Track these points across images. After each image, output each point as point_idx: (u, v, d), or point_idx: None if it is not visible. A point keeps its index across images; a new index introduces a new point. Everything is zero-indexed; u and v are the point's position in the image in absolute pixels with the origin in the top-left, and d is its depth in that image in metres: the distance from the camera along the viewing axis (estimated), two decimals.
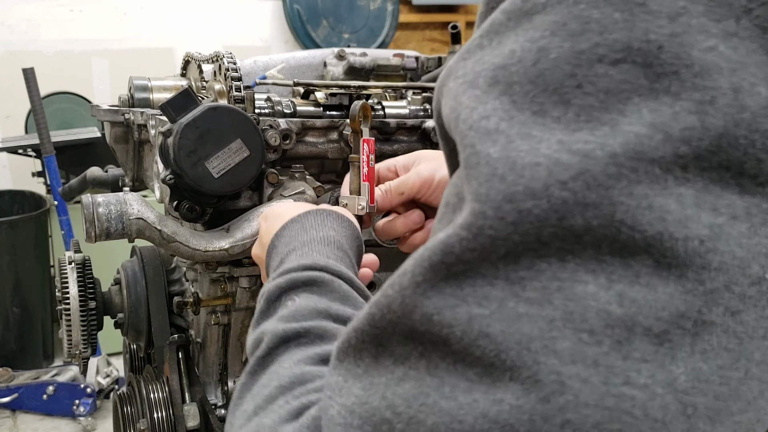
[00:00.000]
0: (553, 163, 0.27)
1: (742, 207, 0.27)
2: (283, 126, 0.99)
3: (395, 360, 0.30)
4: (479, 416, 0.26)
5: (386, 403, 0.29)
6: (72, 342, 1.10)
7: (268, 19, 3.93)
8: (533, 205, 0.27)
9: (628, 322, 0.26)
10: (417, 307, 0.29)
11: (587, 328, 0.26)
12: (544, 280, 0.27)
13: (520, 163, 0.27)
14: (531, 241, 0.27)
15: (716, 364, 0.26)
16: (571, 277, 0.27)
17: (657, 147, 0.26)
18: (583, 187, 0.26)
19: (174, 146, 0.86)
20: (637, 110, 0.26)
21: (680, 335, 0.26)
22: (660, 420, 0.26)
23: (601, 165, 0.26)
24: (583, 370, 0.26)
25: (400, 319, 0.30)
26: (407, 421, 0.28)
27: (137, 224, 0.94)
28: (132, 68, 1.86)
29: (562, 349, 0.26)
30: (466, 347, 0.27)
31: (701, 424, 0.26)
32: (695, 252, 0.26)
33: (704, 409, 0.26)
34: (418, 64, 1.32)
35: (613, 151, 0.26)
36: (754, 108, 0.26)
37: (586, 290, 0.26)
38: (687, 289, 0.26)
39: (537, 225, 0.27)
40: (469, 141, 0.29)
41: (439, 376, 0.28)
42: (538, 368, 0.26)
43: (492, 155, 0.28)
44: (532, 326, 0.26)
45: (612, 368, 0.26)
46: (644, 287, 0.26)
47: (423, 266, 0.29)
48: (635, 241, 0.26)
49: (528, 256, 0.27)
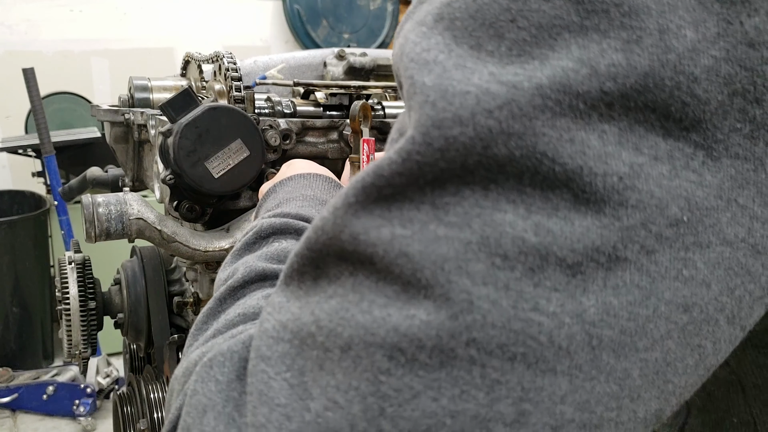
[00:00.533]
0: (482, 93, 0.27)
1: (665, 149, 0.27)
2: (283, 126, 0.99)
3: (329, 280, 0.30)
4: (390, 329, 0.27)
5: (313, 318, 0.30)
6: (72, 342, 1.10)
7: (268, 19, 3.94)
8: (459, 132, 0.27)
9: (542, 251, 0.26)
10: (347, 227, 0.30)
11: (501, 253, 0.27)
12: (467, 206, 0.27)
13: (450, 92, 0.28)
14: (456, 168, 0.27)
15: (626, 300, 0.27)
16: (492, 206, 0.27)
17: (583, 81, 0.26)
18: (508, 117, 0.27)
19: (174, 146, 0.86)
20: (567, 46, 0.27)
21: (593, 268, 0.27)
22: (564, 348, 0.26)
23: (527, 96, 0.27)
24: (494, 292, 0.26)
25: (331, 240, 0.30)
26: (327, 333, 0.29)
27: (137, 224, 0.94)
28: (132, 68, 1.86)
29: (474, 270, 0.27)
30: (387, 266, 0.28)
31: (605, 356, 0.27)
32: (614, 188, 0.26)
33: (609, 341, 0.27)
34: None
35: (539, 82, 0.27)
36: (680, 50, 0.26)
37: (505, 218, 0.27)
38: (603, 224, 0.27)
39: (463, 152, 0.27)
40: (409, 72, 0.30)
41: (360, 293, 0.29)
42: (450, 287, 0.27)
43: (426, 83, 0.28)
44: (449, 247, 0.27)
45: (522, 293, 0.26)
46: (561, 220, 0.27)
47: (356, 188, 0.30)
48: (555, 173, 0.27)
49: (454, 182, 0.28)
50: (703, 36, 0.27)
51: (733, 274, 0.28)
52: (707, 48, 0.27)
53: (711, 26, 0.27)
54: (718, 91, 0.27)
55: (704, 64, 0.27)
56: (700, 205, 0.27)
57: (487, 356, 0.26)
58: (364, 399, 0.27)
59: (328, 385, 0.28)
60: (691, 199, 0.27)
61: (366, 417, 0.26)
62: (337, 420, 0.27)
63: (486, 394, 0.26)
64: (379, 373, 0.27)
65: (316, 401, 0.28)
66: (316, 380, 0.28)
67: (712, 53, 0.27)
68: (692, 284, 0.27)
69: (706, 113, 0.27)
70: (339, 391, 0.27)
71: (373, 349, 0.27)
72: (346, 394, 0.27)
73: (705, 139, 0.27)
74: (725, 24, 0.27)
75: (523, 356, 0.26)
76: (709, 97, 0.27)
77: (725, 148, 0.27)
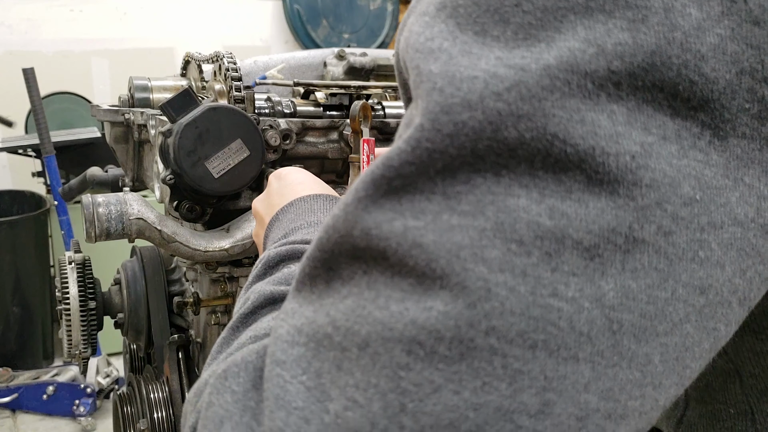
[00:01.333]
0: (490, 76, 0.27)
1: (673, 129, 0.27)
2: (283, 126, 0.99)
3: (343, 281, 0.30)
4: (408, 323, 0.27)
5: (329, 319, 0.29)
6: (72, 342, 1.10)
7: (268, 19, 3.94)
8: (469, 116, 0.27)
9: (558, 234, 0.26)
10: (357, 222, 0.29)
11: (517, 239, 0.26)
12: (479, 194, 0.27)
13: (458, 77, 0.28)
14: (467, 154, 0.27)
15: (645, 283, 0.27)
16: (505, 191, 0.27)
17: (590, 61, 0.26)
18: (516, 98, 0.27)
19: (174, 146, 0.86)
20: (573, 27, 0.27)
21: (611, 251, 0.26)
22: (585, 334, 0.26)
23: (535, 77, 0.27)
24: (511, 279, 0.26)
25: (343, 238, 0.30)
26: (344, 333, 0.28)
27: (137, 224, 0.94)
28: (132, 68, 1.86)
29: (491, 257, 0.26)
30: (401, 259, 0.28)
31: (626, 341, 0.26)
32: (627, 167, 0.26)
33: (630, 326, 0.26)
34: None
35: (547, 63, 0.27)
36: (686, 28, 0.26)
37: (518, 203, 0.27)
38: (618, 204, 0.26)
39: (472, 137, 0.27)
40: (415, 63, 0.30)
41: (376, 289, 0.28)
42: (466, 275, 0.26)
43: (433, 71, 0.28)
44: (463, 236, 0.27)
45: (540, 279, 0.26)
46: (575, 202, 0.26)
47: (365, 182, 0.30)
48: (567, 155, 0.26)
49: (464, 170, 0.27)
50: (708, 14, 0.26)
51: (744, 255, 0.28)
52: (712, 26, 0.27)
53: (715, 5, 0.27)
54: (725, 69, 0.27)
55: (710, 42, 0.26)
56: (710, 184, 0.27)
57: (508, 345, 0.26)
58: (384, 396, 0.26)
59: (347, 385, 0.27)
60: (701, 178, 0.27)
61: (387, 414, 0.26)
62: (357, 419, 0.26)
63: (508, 384, 0.25)
64: (398, 369, 0.26)
65: (335, 402, 0.27)
66: (334, 381, 0.28)
67: (718, 31, 0.27)
68: (708, 266, 0.27)
69: (714, 93, 0.27)
70: (358, 389, 0.27)
71: (391, 344, 0.27)
72: (365, 392, 0.26)
73: (713, 119, 0.27)
74: (729, 2, 0.27)
75: (544, 343, 0.26)
76: (717, 76, 0.27)
77: (732, 128, 0.27)
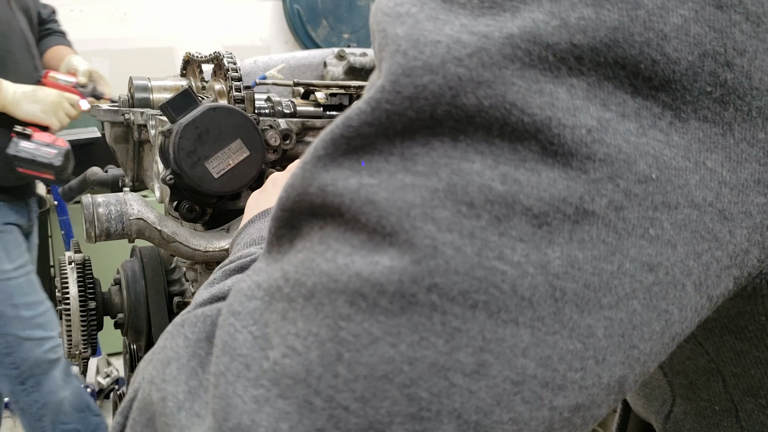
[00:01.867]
0: (453, 42, 0.27)
1: (632, 107, 0.27)
2: (283, 126, 0.99)
3: (302, 238, 0.30)
4: (353, 275, 0.27)
5: (281, 273, 0.30)
6: (72, 342, 1.10)
7: (268, 19, 3.94)
8: (429, 80, 0.27)
9: (509, 199, 0.26)
10: (315, 179, 0.29)
11: (467, 201, 0.26)
12: (435, 156, 0.27)
13: (422, 41, 0.28)
14: (425, 118, 0.27)
15: (591, 254, 0.27)
16: (461, 156, 0.27)
17: (552, 33, 0.27)
18: (477, 65, 0.27)
19: (174, 146, 0.86)
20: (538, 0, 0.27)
21: (560, 220, 0.27)
22: (527, 299, 0.26)
23: (497, 45, 0.27)
24: (458, 239, 0.26)
25: (300, 196, 0.30)
26: (293, 285, 0.29)
27: (137, 224, 0.94)
28: (132, 68, 1.86)
29: (440, 217, 0.26)
30: (354, 215, 0.28)
31: (568, 310, 0.27)
32: (581, 141, 0.26)
33: (573, 295, 0.27)
34: None
35: (510, 32, 0.27)
36: (650, 6, 0.27)
37: (472, 168, 0.27)
38: (570, 176, 0.26)
39: (432, 101, 0.27)
40: (382, 26, 0.30)
41: (327, 243, 0.29)
42: (414, 233, 0.26)
43: (398, 34, 0.29)
44: (415, 195, 0.27)
45: (487, 242, 0.26)
46: (528, 171, 0.27)
47: (325, 140, 0.30)
48: (524, 124, 0.27)
49: (423, 133, 0.28)
50: None
51: (699, 237, 0.28)
52: (676, 6, 0.27)
53: None
54: (688, 51, 0.27)
55: (674, 22, 0.27)
56: (668, 165, 0.27)
57: (449, 303, 0.26)
58: (323, 345, 0.26)
59: (288, 333, 0.27)
60: (659, 158, 0.27)
61: (323, 363, 0.26)
62: (294, 366, 0.26)
63: (446, 342, 0.26)
64: (339, 319, 0.26)
65: (275, 350, 0.27)
66: (277, 330, 0.28)
67: (681, 12, 0.27)
68: (657, 244, 0.27)
69: (676, 73, 0.27)
70: (298, 338, 0.27)
71: (334, 295, 0.27)
72: (304, 340, 0.27)
73: (674, 100, 0.27)
74: None
75: (485, 305, 0.26)
76: (679, 57, 0.27)
77: (693, 110, 0.27)
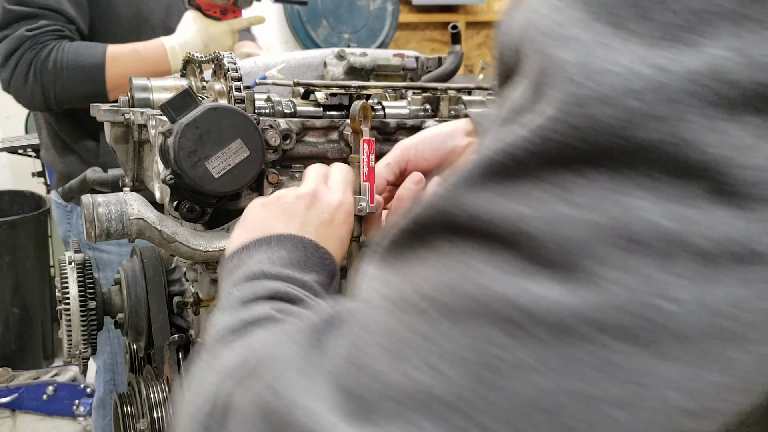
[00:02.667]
0: (630, 73, 0.26)
1: None
2: (283, 126, 0.99)
3: (429, 249, 0.30)
4: (507, 303, 0.27)
5: (411, 285, 0.30)
6: (72, 342, 1.10)
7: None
8: (602, 111, 0.27)
9: (676, 236, 0.26)
10: (460, 199, 0.29)
11: (632, 237, 0.26)
12: (594, 188, 0.27)
13: (594, 69, 0.27)
14: (591, 149, 0.27)
15: (754, 294, 0.26)
16: (621, 190, 0.27)
17: (736, 70, 0.26)
18: (656, 99, 0.26)
19: (174, 146, 0.86)
20: (721, 34, 0.26)
21: (727, 259, 0.26)
22: (687, 336, 0.26)
23: (678, 80, 0.26)
24: (622, 275, 0.26)
25: (440, 213, 0.30)
26: (429, 301, 0.29)
27: (137, 224, 0.94)
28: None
29: (602, 252, 0.26)
30: (506, 241, 0.28)
31: (726, 347, 0.27)
32: (755, 181, 0.26)
33: (731, 333, 0.26)
34: (418, 64, 1.32)
35: (692, 68, 0.26)
36: None
37: (635, 203, 0.26)
38: (739, 215, 0.26)
39: (602, 132, 0.27)
40: (540, 46, 0.29)
41: (467, 263, 0.28)
42: (575, 266, 0.26)
43: (565, 59, 0.28)
44: (576, 228, 0.27)
45: (651, 278, 0.26)
46: (695, 209, 0.26)
47: (476, 163, 0.29)
48: (694, 162, 0.26)
49: (584, 164, 0.27)
50: None
51: None
52: None
53: None
54: None
55: None
56: None
57: (608, 337, 0.26)
58: (473, 370, 0.26)
59: (430, 353, 0.27)
60: None
61: (474, 389, 0.26)
62: (439, 387, 0.27)
63: (601, 375, 0.26)
64: (491, 346, 0.27)
65: (413, 367, 0.28)
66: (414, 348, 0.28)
67: None
68: None
69: None
70: (443, 360, 0.27)
71: (485, 321, 0.27)
72: (452, 363, 0.27)
73: None
74: None
75: (644, 341, 0.26)
76: None
77: None
